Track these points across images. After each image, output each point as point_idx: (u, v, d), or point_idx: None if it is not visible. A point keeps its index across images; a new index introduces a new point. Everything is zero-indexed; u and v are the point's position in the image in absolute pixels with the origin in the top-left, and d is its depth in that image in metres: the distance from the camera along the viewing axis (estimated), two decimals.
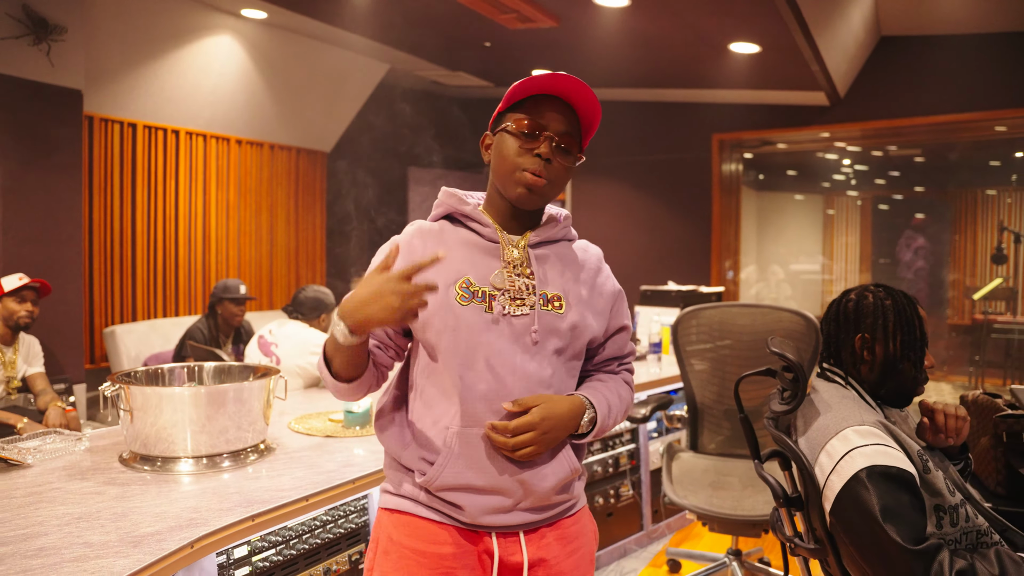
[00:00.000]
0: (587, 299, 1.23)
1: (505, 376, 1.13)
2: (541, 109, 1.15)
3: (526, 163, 1.14)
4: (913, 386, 1.58)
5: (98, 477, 1.70)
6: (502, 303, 1.14)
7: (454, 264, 1.15)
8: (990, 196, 7.37)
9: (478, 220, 1.19)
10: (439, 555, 1.14)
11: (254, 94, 4.88)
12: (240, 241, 5.12)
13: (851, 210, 8.18)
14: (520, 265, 1.17)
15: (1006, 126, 5.19)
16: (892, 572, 1.31)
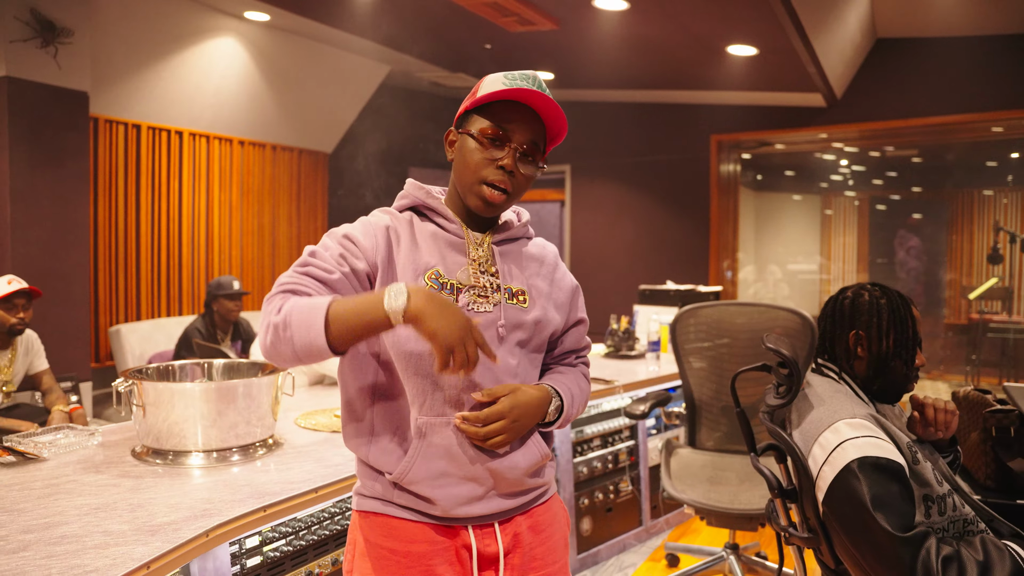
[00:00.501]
0: (548, 293, 1.25)
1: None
2: (508, 115, 1.13)
3: (489, 174, 1.13)
4: (904, 383, 1.63)
5: (112, 470, 1.75)
6: (468, 299, 1.15)
7: (423, 256, 1.15)
8: (986, 196, 7.43)
9: (444, 216, 1.19)
10: (416, 553, 1.14)
11: (256, 95, 4.93)
12: (242, 241, 5.17)
13: (848, 210, 8.24)
14: (485, 262, 1.18)
15: (1002, 127, 5.24)
16: (881, 559, 1.36)
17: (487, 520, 1.18)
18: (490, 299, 1.17)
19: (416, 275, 1.13)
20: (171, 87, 4.43)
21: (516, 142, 1.13)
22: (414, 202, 1.21)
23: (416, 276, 1.13)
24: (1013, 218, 7.28)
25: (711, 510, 2.51)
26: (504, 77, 1.15)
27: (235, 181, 5.07)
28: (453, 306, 1.01)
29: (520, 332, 1.19)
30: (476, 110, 1.15)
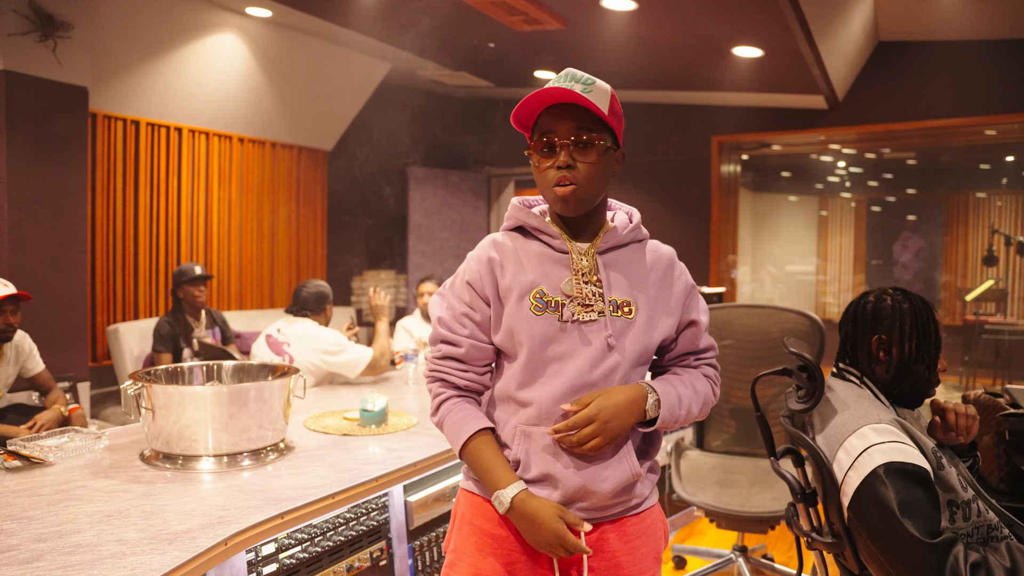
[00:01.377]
0: (656, 299, 1.25)
1: (575, 379, 1.18)
2: (548, 121, 1.18)
3: (551, 178, 1.18)
4: (926, 387, 1.62)
5: (122, 475, 1.71)
6: (571, 309, 1.18)
7: (527, 276, 1.20)
8: (981, 199, 7.46)
9: (546, 232, 1.23)
10: (503, 537, 1.21)
11: (256, 92, 4.88)
12: (242, 239, 5.12)
13: (845, 212, 8.26)
14: (588, 272, 1.21)
15: (997, 131, 5.26)
16: (909, 565, 1.34)
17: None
18: (594, 308, 1.19)
19: (521, 297, 1.19)
20: (171, 83, 4.38)
21: (561, 138, 1.17)
22: (517, 223, 1.26)
23: (521, 298, 1.19)
24: (1007, 220, 7.31)
25: (722, 512, 2.50)
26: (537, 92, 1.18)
27: (234, 179, 5.02)
28: (540, 523, 1.15)
29: (626, 343, 1.21)
30: (531, 135, 1.23)
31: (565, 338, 1.18)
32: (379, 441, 2.10)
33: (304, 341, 2.96)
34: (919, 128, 5.17)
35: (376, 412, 2.26)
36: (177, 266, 3.88)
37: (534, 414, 1.19)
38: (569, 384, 1.18)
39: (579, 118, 1.17)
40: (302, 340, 2.97)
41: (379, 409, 2.27)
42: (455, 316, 1.24)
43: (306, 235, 5.65)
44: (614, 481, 1.20)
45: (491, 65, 5.56)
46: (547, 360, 1.18)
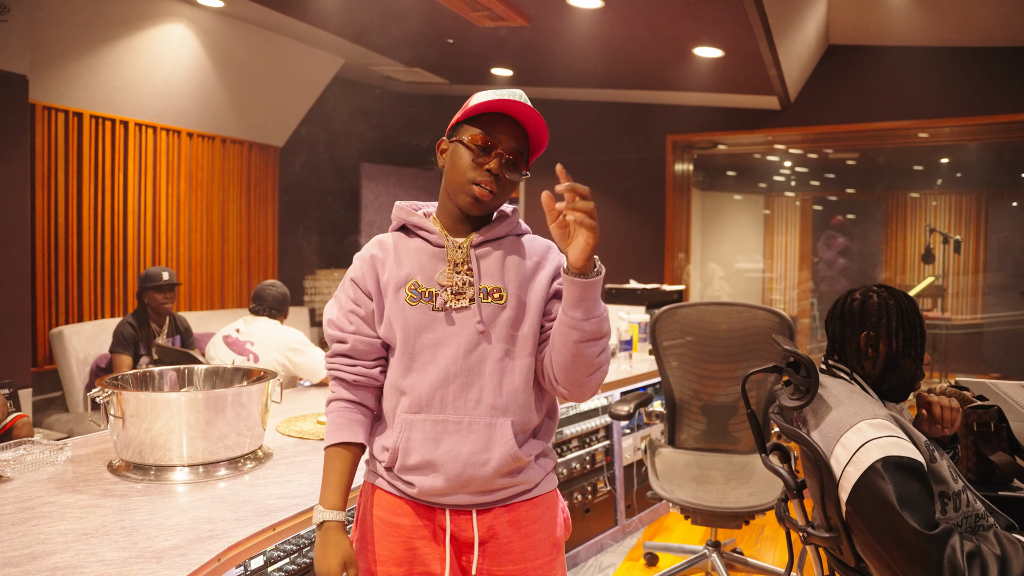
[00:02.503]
0: (528, 283, 1.28)
1: (449, 365, 1.23)
2: (495, 126, 1.24)
3: (477, 176, 1.23)
4: (912, 381, 1.65)
5: (91, 489, 1.61)
6: (444, 298, 1.24)
7: (404, 269, 1.27)
8: (919, 199, 7.79)
9: (426, 228, 1.29)
10: (400, 525, 1.27)
11: (206, 85, 4.69)
12: (191, 237, 4.92)
13: (790, 210, 8.50)
14: (461, 263, 1.26)
15: (933, 133, 5.49)
16: (909, 556, 1.37)
17: (465, 507, 1.26)
18: (465, 295, 1.25)
19: (398, 288, 1.26)
20: (116, 74, 4.16)
21: (502, 149, 1.24)
22: (399, 223, 1.33)
23: (398, 290, 1.26)
24: (942, 219, 7.65)
25: (699, 509, 2.51)
26: (493, 92, 1.26)
27: (183, 175, 4.82)
28: (324, 557, 1.21)
29: (500, 327, 1.25)
30: (467, 121, 1.26)
31: (438, 326, 1.24)
32: None
33: (269, 340, 2.87)
34: (864, 130, 5.36)
35: None
36: (144, 269, 3.69)
37: (412, 402, 1.24)
38: (444, 371, 1.23)
39: (520, 140, 1.26)
40: (266, 339, 2.88)
41: None
42: (343, 314, 1.31)
43: (257, 233, 5.48)
44: (495, 463, 1.23)
45: (447, 61, 5.50)
46: (421, 348, 1.24)
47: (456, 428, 1.23)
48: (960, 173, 7.45)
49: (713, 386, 3.00)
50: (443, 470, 1.23)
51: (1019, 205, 7.45)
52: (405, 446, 1.25)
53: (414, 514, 1.27)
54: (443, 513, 1.26)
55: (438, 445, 1.23)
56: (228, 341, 2.89)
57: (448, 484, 1.23)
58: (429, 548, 1.26)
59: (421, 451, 1.24)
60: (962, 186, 7.44)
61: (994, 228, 7.25)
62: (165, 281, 3.51)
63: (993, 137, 5.89)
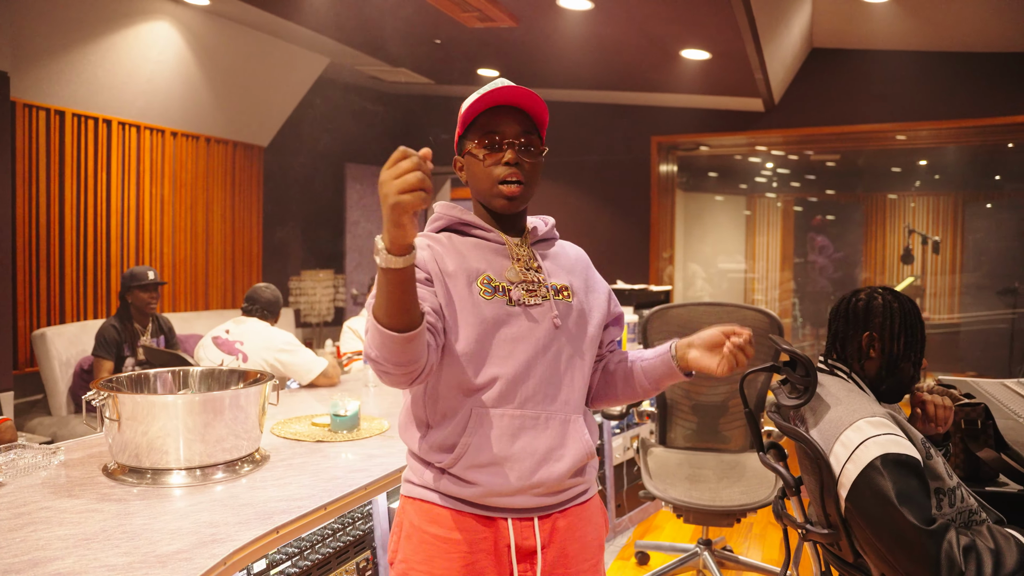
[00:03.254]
0: (585, 288, 1.34)
1: (530, 359, 1.21)
2: (495, 121, 1.23)
3: (499, 173, 1.21)
4: (910, 384, 1.68)
5: (87, 493, 1.58)
6: (518, 293, 1.22)
7: (471, 263, 1.22)
8: (897, 200, 7.91)
9: (482, 227, 1.26)
10: (456, 540, 1.19)
11: (191, 84, 4.64)
12: (175, 238, 4.86)
13: (772, 211, 8.59)
14: (527, 260, 1.27)
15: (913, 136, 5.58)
16: (907, 551, 1.39)
17: (527, 514, 1.22)
18: (538, 292, 1.24)
19: (469, 282, 1.20)
20: (99, 72, 4.10)
21: (510, 138, 1.22)
22: (449, 222, 1.28)
23: (469, 283, 1.20)
24: (920, 221, 7.78)
25: (692, 508, 2.53)
26: (475, 93, 1.24)
27: (167, 174, 4.76)
28: (383, 181, 0.93)
29: (572, 325, 1.27)
30: (466, 132, 1.26)
31: (515, 321, 1.21)
32: (355, 447, 2.02)
33: (258, 340, 2.86)
34: (845, 132, 5.43)
35: (348, 417, 2.18)
36: (128, 268, 3.64)
37: (489, 396, 1.18)
38: (524, 365, 1.20)
39: (523, 122, 1.24)
40: (256, 339, 2.86)
41: (352, 414, 2.19)
42: None
43: (241, 234, 5.43)
44: (570, 460, 1.22)
45: (434, 62, 5.49)
46: (500, 342, 1.20)
47: (534, 423, 1.20)
48: (938, 175, 7.58)
49: (703, 386, 3.02)
50: (516, 467, 1.19)
51: (993, 206, 7.60)
52: (478, 442, 1.18)
53: (471, 527, 1.20)
54: (504, 522, 1.21)
55: (514, 441, 1.19)
56: (217, 342, 2.86)
57: (520, 482, 1.19)
58: (488, 561, 1.20)
59: (495, 447, 1.18)
60: (939, 188, 7.57)
61: (970, 229, 7.38)
62: (151, 280, 3.46)
63: (969, 140, 6.00)
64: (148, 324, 3.56)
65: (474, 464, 1.19)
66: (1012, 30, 4.42)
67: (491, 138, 1.22)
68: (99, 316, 4.33)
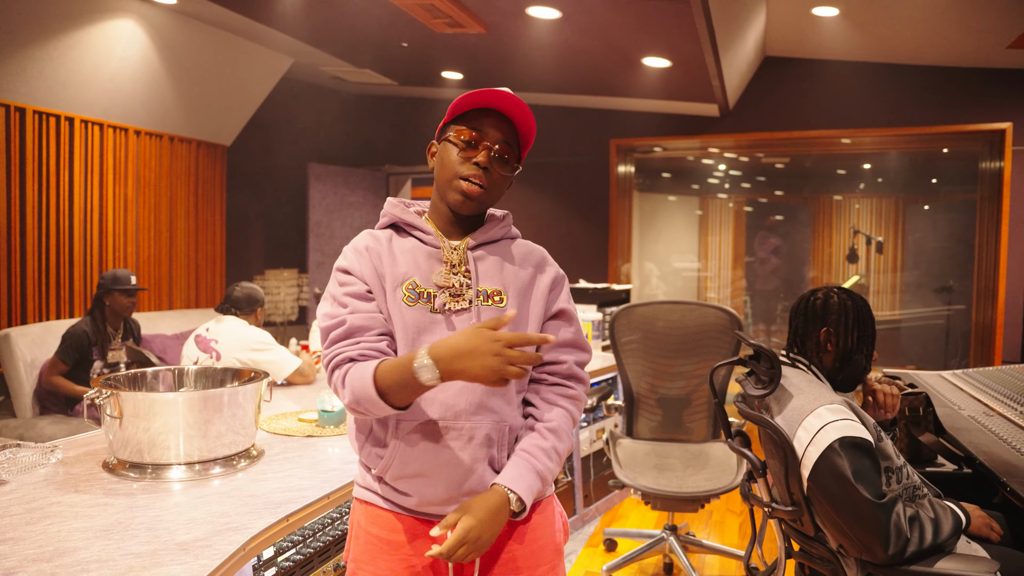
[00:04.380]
0: (526, 289, 1.27)
1: None
2: (481, 121, 1.23)
3: (465, 170, 1.21)
4: (862, 375, 1.86)
5: (93, 488, 1.63)
6: (442, 299, 1.21)
7: (400, 268, 1.22)
8: (842, 201, 8.28)
9: (420, 228, 1.26)
10: (397, 542, 1.21)
11: (155, 83, 4.60)
12: (138, 237, 4.81)
13: (724, 212, 8.88)
14: (458, 265, 1.23)
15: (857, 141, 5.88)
16: (862, 522, 1.56)
17: None
18: (464, 297, 1.22)
19: (395, 287, 1.21)
20: (61, 69, 4.05)
21: (490, 141, 1.22)
22: (392, 219, 1.28)
23: (395, 288, 1.21)
24: (865, 221, 8.15)
25: (660, 495, 2.68)
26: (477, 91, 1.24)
27: (130, 173, 4.71)
28: (470, 339, 1.05)
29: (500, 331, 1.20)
30: (453, 121, 1.25)
31: (436, 328, 1.20)
32: (344, 441, 2.10)
33: (231, 338, 2.90)
34: (795, 137, 5.70)
35: (336, 412, 2.26)
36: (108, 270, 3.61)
37: (413, 405, 1.16)
38: None
39: (508, 133, 1.24)
40: (229, 337, 2.90)
41: (339, 409, 2.27)
42: (335, 301, 1.21)
43: (205, 233, 5.39)
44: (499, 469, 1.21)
45: (398, 64, 5.55)
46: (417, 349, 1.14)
47: (457, 435, 1.18)
48: (881, 178, 7.96)
49: (668, 380, 3.18)
50: (443, 478, 1.19)
51: (930, 208, 8.02)
52: (402, 454, 1.19)
53: (411, 529, 1.21)
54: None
55: (439, 452, 1.18)
56: (198, 339, 2.91)
57: (449, 492, 1.19)
58: (429, 567, 1.21)
59: (420, 459, 1.18)
60: (882, 190, 7.95)
61: (910, 230, 7.78)
62: (133, 285, 3.46)
63: (909, 146, 6.35)
64: (120, 327, 3.55)
65: (401, 475, 1.20)
66: (948, 46, 4.72)
67: (471, 135, 1.22)
68: (62, 316, 4.27)
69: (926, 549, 1.58)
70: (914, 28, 4.42)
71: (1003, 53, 4.64)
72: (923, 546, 1.57)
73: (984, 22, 4.22)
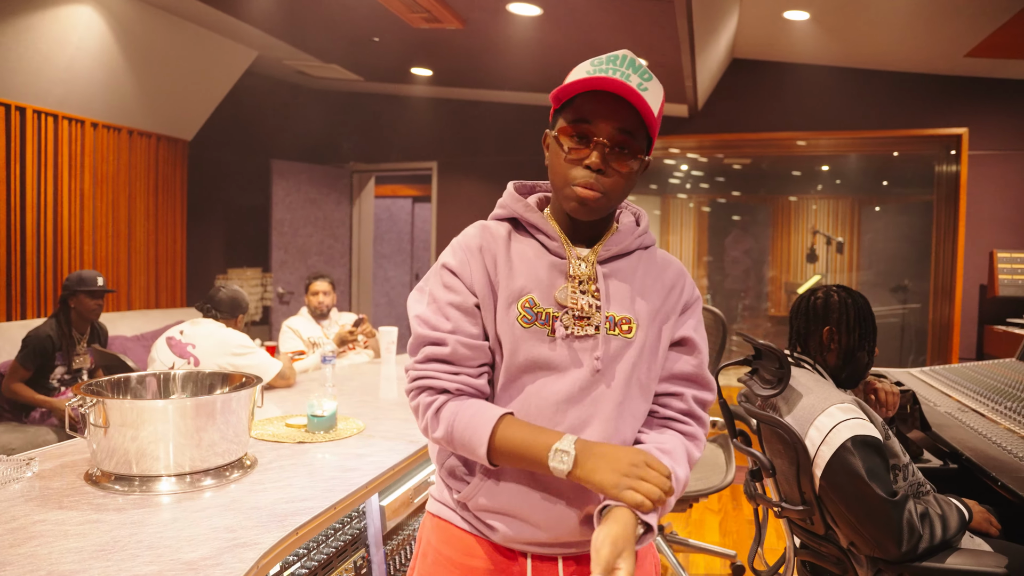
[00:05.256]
0: (658, 311, 1.11)
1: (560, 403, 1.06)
2: (591, 109, 1.03)
3: (576, 176, 1.04)
4: (864, 371, 1.87)
5: (78, 504, 1.53)
6: (565, 323, 1.05)
7: (519, 279, 1.07)
8: (801, 202, 8.47)
9: (544, 231, 1.10)
10: (472, 568, 1.11)
11: (113, 73, 4.40)
12: (95, 234, 4.60)
13: (685, 212, 9.00)
14: (587, 281, 1.07)
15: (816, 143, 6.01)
16: (875, 520, 1.56)
17: (550, 550, 1.10)
18: (592, 321, 1.06)
19: (510, 304, 1.06)
20: (13, 56, 3.83)
21: (601, 136, 1.02)
22: (512, 214, 1.13)
23: (510, 305, 1.06)
24: (822, 222, 8.35)
25: None
26: (589, 65, 1.05)
27: (87, 167, 4.49)
28: (613, 453, 0.96)
29: (622, 365, 1.07)
30: (561, 109, 1.07)
31: (553, 356, 1.05)
32: (338, 447, 2.02)
33: (211, 342, 2.78)
34: (760, 138, 5.79)
35: (327, 417, 2.18)
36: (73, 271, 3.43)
37: None
38: (551, 407, 1.05)
39: (624, 119, 1.02)
40: (208, 341, 2.79)
41: (329, 414, 2.19)
42: (438, 309, 1.07)
43: (165, 230, 5.19)
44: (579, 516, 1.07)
45: (367, 59, 5.43)
46: (528, 377, 1.06)
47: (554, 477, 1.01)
48: (839, 180, 8.16)
49: None
50: (534, 518, 1.07)
51: (882, 210, 8.26)
52: (489, 488, 1.07)
53: (491, 556, 1.10)
54: (525, 559, 1.11)
55: (532, 490, 1.06)
56: (171, 343, 2.77)
57: (535, 534, 1.08)
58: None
59: (510, 494, 1.06)
60: (840, 192, 8.16)
61: (865, 231, 8.01)
62: (100, 287, 3.29)
63: (868, 149, 6.53)
64: (87, 331, 3.38)
65: (487, 509, 1.09)
66: (910, 53, 4.85)
67: (581, 128, 1.03)
68: (13, 318, 4.04)
69: (936, 545, 1.60)
70: (880, 34, 4.53)
71: (962, 61, 4.79)
72: (933, 542, 1.59)
73: (945, 31, 4.35)
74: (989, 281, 5.03)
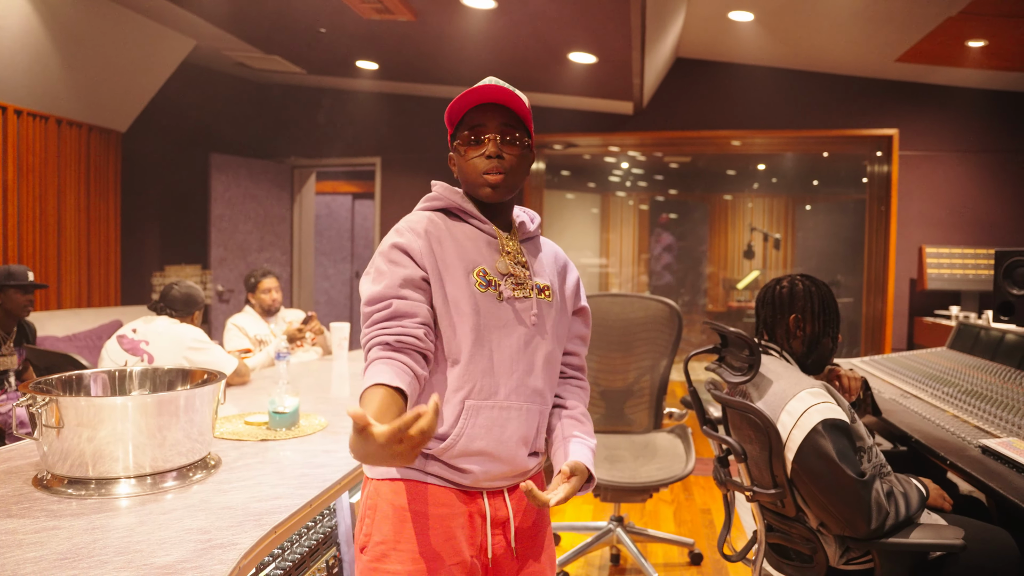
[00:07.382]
0: (561, 285, 1.39)
1: (514, 355, 1.27)
2: (477, 117, 1.27)
3: (481, 166, 1.26)
4: (830, 357, 1.93)
5: (30, 511, 1.43)
6: (508, 288, 1.27)
7: (469, 254, 1.27)
8: (738, 200, 8.72)
9: (476, 216, 1.30)
10: (437, 515, 1.25)
11: (39, 58, 4.15)
12: (21, 229, 4.33)
13: (625, 209, 9.13)
14: (517, 254, 1.31)
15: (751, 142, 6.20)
16: (845, 500, 1.62)
17: (499, 486, 1.30)
18: (526, 286, 1.29)
19: (466, 272, 1.25)
20: None
21: (491, 132, 1.26)
22: (448, 204, 1.31)
23: (467, 274, 1.25)
24: (759, 219, 8.62)
25: (614, 486, 2.69)
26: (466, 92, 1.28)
27: (11, 156, 4.22)
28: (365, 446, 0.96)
29: (549, 322, 1.32)
30: (455, 131, 1.31)
31: (503, 315, 1.26)
32: (303, 444, 1.96)
33: (166, 339, 2.67)
34: (701, 136, 5.93)
35: (289, 414, 2.11)
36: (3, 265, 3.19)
37: (479, 388, 1.23)
38: (509, 360, 1.26)
39: (506, 116, 1.27)
40: (163, 338, 2.67)
41: (292, 410, 2.12)
42: (384, 281, 1.21)
43: (97, 226, 4.94)
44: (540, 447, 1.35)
45: (310, 50, 5.30)
46: (490, 336, 1.25)
47: (517, 415, 1.27)
48: (775, 179, 8.43)
49: (612, 372, 3.21)
50: (505, 455, 1.27)
51: (812, 209, 8.59)
52: (471, 432, 1.24)
53: (453, 501, 1.26)
54: (481, 498, 1.29)
55: (503, 431, 1.26)
56: (122, 341, 2.65)
57: (507, 468, 1.28)
58: (464, 533, 1.27)
59: (487, 437, 1.25)
60: (776, 190, 8.44)
61: (800, 228, 8.30)
62: (30, 282, 3.09)
63: (803, 148, 6.77)
64: (13, 329, 3.17)
65: (466, 452, 1.24)
66: (846, 56, 5.05)
67: (475, 132, 1.27)
68: None
69: (901, 522, 1.66)
70: (818, 37, 4.70)
71: (893, 66, 5.02)
72: (899, 519, 1.65)
73: (878, 36, 4.55)
74: (918, 275, 5.29)
